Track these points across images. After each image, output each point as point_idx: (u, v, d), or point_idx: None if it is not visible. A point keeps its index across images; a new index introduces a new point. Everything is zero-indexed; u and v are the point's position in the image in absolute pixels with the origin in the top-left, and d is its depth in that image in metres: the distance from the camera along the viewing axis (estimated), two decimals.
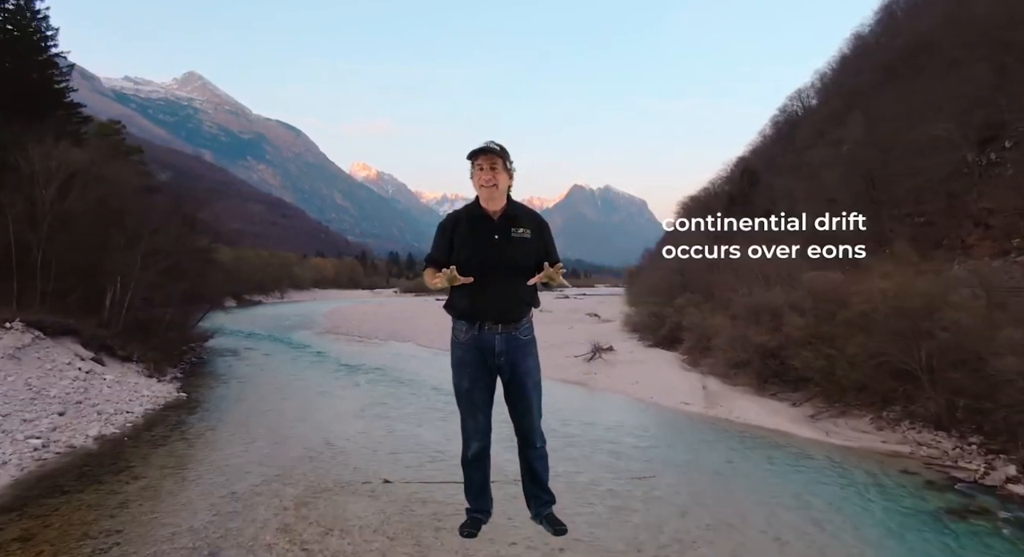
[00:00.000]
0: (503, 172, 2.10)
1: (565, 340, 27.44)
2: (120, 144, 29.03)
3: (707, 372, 19.19)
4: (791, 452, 11.50)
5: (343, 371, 20.27)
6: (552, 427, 12.81)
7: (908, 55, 35.91)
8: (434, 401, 15.33)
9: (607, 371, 19.73)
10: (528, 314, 2.22)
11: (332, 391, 16.69)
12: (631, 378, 18.52)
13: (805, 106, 47.72)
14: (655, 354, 22.76)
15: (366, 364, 21.67)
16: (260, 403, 15.00)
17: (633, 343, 26.26)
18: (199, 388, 16.76)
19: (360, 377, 19.16)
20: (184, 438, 11.59)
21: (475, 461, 2.25)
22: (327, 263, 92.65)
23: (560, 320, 37.19)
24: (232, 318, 43.79)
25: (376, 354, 25.31)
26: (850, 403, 13.73)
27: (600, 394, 17.33)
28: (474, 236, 2.10)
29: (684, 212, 65.18)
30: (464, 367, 2.18)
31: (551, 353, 23.66)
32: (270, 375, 19.30)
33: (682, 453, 11.38)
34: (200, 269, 27.30)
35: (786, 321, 16.06)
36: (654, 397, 16.35)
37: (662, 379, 18.04)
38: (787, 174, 38.78)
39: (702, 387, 17.09)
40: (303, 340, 30.04)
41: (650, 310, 25.51)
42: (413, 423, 13.11)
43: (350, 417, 13.53)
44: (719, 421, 13.95)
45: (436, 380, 18.22)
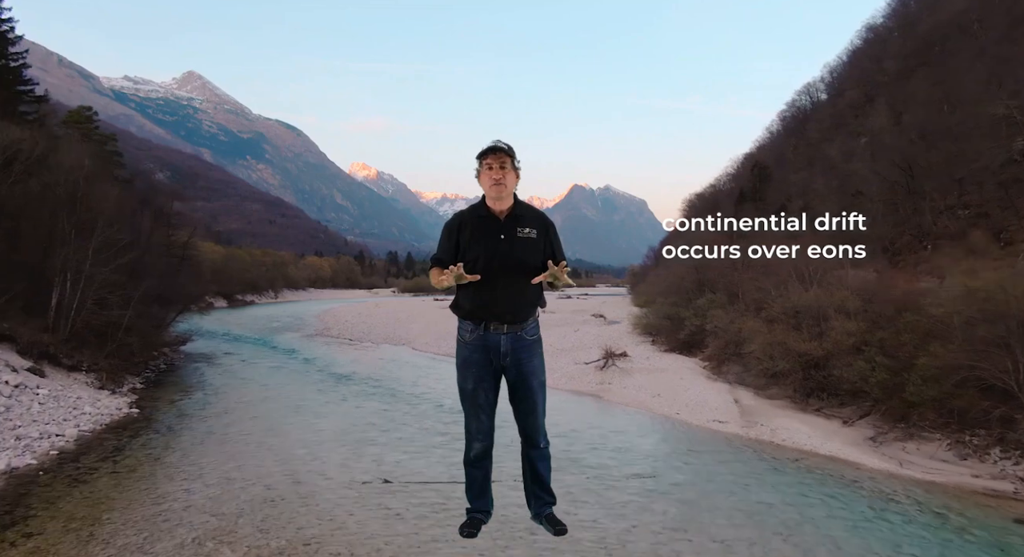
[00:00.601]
0: (511, 171, 2.10)
1: (573, 344, 25.28)
2: (92, 131, 26.92)
3: (734, 382, 17.03)
4: (864, 489, 9.31)
5: (328, 381, 18.05)
6: (563, 452, 10.65)
7: (936, 40, 33.87)
8: (435, 421, 13.15)
9: (623, 381, 17.54)
10: (534, 314, 2.20)
11: (312, 407, 14.48)
12: (651, 389, 16.33)
13: (814, 100, 46.29)
14: (673, 361, 20.57)
15: (356, 373, 19.45)
16: (223, 422, 12.79)
17: (647, 348, 24.09)
18: (157, 402, 14.58)
19: (347, 389, 16.94)
20: (115, 471, 9.40)
21: (477, 461, 2.24)
22: (323, 262, 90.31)
23: (565, 321, 34.99)
24: (219, 319, 41.67)
25: (368, 360, 23.13)
26: (918, 423, 11.55)
27: (617, 409, 15.14)
28: (480, 236, 2.10)
29: (690, 210, 63.42)
30: (469, 367, 2.16)
31: (559, 359, 21.51)
32: (244, 386, 17.11)
33: (729, 492, 9.18)
34: (173, 267, 25.18)
35: (833, 325, 13.88)
36: (680, 413, 14.16)
37: (687, 391, 15.84)
38: (802, 169, 36.97)
39: (734, 401, 14.91)
40: (289, 344, 27.85)
41: (666, 312, 23.32)
42: (409, 452, 10.87)
43: (329, 443, 11.30)
44: (763, 445, 11.76)
45: (436, 393, 16.06)
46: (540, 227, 2.12)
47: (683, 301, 23.38)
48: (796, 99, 47.11)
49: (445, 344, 26.52)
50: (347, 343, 29.00)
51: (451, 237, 2.13)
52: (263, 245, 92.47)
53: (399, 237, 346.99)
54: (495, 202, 2.11)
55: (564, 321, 35.26)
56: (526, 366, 2.13)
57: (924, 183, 23.10)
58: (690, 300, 23.02)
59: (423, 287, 79.80)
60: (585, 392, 16.92)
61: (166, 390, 16.17)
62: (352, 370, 20.03)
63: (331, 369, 20.31)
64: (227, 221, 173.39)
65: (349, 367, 20.81)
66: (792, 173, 37.50)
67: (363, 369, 20.35)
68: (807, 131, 42.33)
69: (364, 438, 11.71)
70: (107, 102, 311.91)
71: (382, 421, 13.19)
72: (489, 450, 2.23)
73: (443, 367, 21.36)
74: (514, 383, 2.15)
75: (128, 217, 19.46)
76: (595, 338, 27.19)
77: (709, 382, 17.08)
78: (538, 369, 2.16)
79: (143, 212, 23.36)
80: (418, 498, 8.55)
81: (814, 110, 45.51)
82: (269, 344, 27.80)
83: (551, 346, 24.72)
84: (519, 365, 2.12)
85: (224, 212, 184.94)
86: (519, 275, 2.07)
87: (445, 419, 13.10)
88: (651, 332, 26.98)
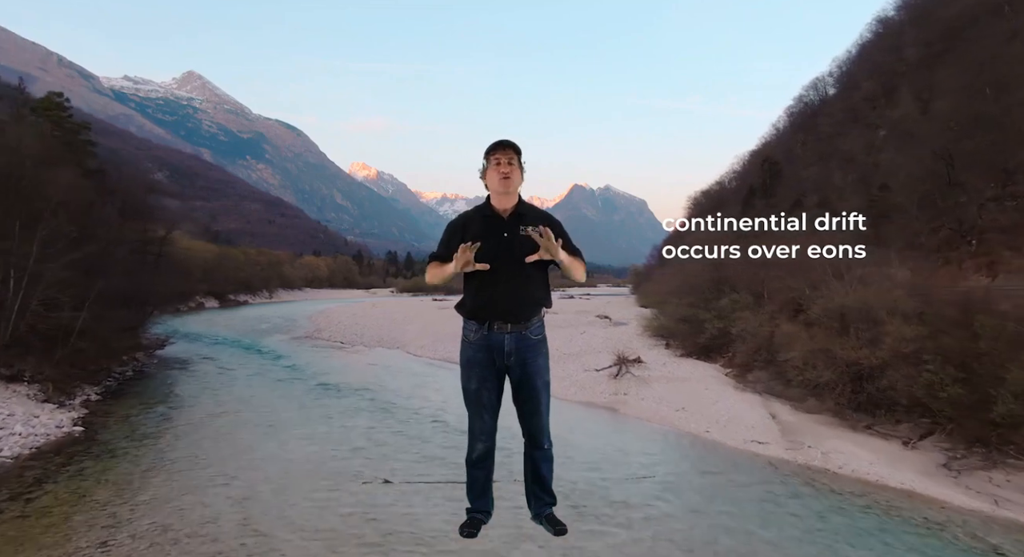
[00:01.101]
0: (517, 168, 2.10)
1: (581, 348, 23.38)
2: (63, 119, 25.06)
3: (764, 391, 15.14)
4: (958, 540, 7.41)
5: (312, 393, 16.12)
6: (570, 483, 8.77)
7: (962, 26, 32.09)
8: (438, 444, 11.18)
9: (641, 391, 15.63)
10: (539, 314, 2.18)
11: (288, 426, 12.54)
12: (674, 401, 14.43)
13: (821, 96, 44.94)
14: (693, 367, 18.66)
15: (344, 383, 17.51)
16: (178, 445, 10.90)
17: (661, 352, 22.20)
18: (109, 417, 12.70)
19: (332, 403, 15.00)
20: (23, 515, 7.53)
21: (479, 462, 2.21)
22: (320, 262, 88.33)
23: (569, 323, 33.04)
24: (208, 320, 39.84)
25: (358, 367, 21.22)
26: (1001, 448, 9.66)
27: (637, 425, 13.23)
28: (484, 234, 2.07)
29: (695, 208, 61.91)
30: (473, 367, 2.14)
31: (567, 366, 19.61)
32: (215, 398, 15.22)
33: (794, 542, 7.27)
34: (148, 264, 23.29)
35: (887, 330, 11.97)
36: (711, 431, 12.26)
37: (715, 404, 13.93)
38: (814, 163, 35.41)
39: (770, 416, 13.00)
40: (275, 348, 25.96)
41: (681, 313, 21.40)
42: (406, 492, 8.93)
43: (303, 478, 9.34)
44: (816, 473, 9.86)
45: (435, 406, 14.17)
46: (545, 225, 2.08)
47: (700, 302, 21.47)
48: (804, 94, 45.82)
49: (443, 348, 24.62)
50: (337, 347, 27.11)
51: (454, 235, 2.12)
52: (262, 245, 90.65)
53: (399, 237, 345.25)
54: (500, 199, 2.12)
55: (568, 322, 33.35)
56: (530, 366, 2.12)
57: (963, 173, 21.25)
58: (709, 301, 21.12)
59: (422, 287, 77.94)
60: (599, 404, 15.01)
61: (124, 402, 14.29)
62: (340, 379, 18.11)
63: (317, 378, 18.40)
64: (226, 221, 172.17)
65: (337, 375, 18.90)
66: (803, 168, 36.15)
67: (352, 378, 18.44)
68: (817, 126, 40.99)
69: (347, 470, 9.75)
70: (107, 102, 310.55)
71: (371, 445, 11.22)
72: (491, 451, 2.22)
73: (442, 375, 19.47)
74: (518, 383, 2.14)
75: (87, 208, 17.56)
76: (603, 341, 25.30)
77: (737, 393, 15.17)
78: (542, 369, 2.15)
79: (110, 204, 21.49)
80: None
81: (824, 105, 44.20)
82: (254, 348, 25.91)
83: (557, 350, 22.87)
84: (523, 365, 2.11)
85: (223, 212, 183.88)
86: (522, 274, 2.06)
87: (449, 441, 11.19)
88: (663, 335, 25.12)
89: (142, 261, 23.37)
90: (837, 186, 30.02)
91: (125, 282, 18.76)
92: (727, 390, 15.40)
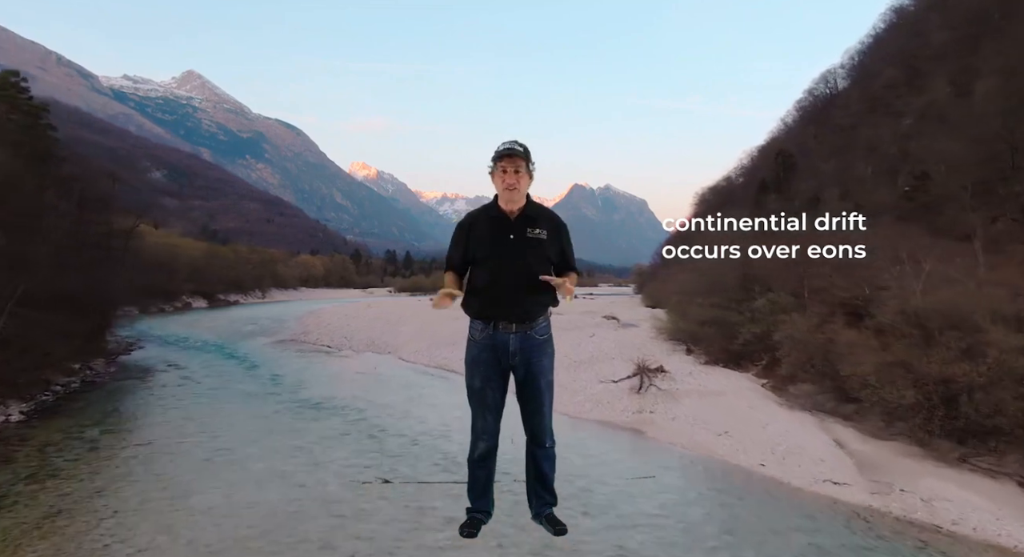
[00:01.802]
0: (525, 175, 2.11)
1: (592, 354, 20.92)
2: (21, 101, 22.66)
3: (812, 408, 12.73)
4: None
5: (283, 413, 13.56)
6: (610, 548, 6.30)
7: (995, 5, 29.82)
8: (444, 499, 8.19)
9: (670, 408, 13.17)
10: (544, 314, 2.20)
11: (246, 460, 10.02)
12: (712, 423, 11.97)
13: (832, 89, 42.11)
14: (724, 378, 16.22)
15: (324, 398, 14.92)
16: (84, 493, 8.40)
17: (682, 359, 19.76)
18: (23, 446, 10.27)
19: (307, 426, 12.42)
20: None
21: (481, 461, 2.23)
22: (316, 260, 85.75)
23: (575, 324, 30.53)
24: (191, 321, 37.43)
25: (343, 376, 18.78)
26: None
27: (669, 453, 10.79)
28: (490, 235, 2.11)
29: (702, 205, 59.72)
30: (477, 366, 2.16)
31: (579, 376, 17.16)
32: (163, 419, 12.77)
33: None
34: (109, 262, 20.86)
35: (990, 339, 9.53)
36: (767, 464, 9.81)
37: (765, 427, 11.46)
38: (832, 155, 33.70)
39: (836, 444, 10.54)
40: (255, 353, 23.54)
41: (707, 315, 18.93)
42: None
43: (241, 551, 6.88)
44: (926, 533, 7.41)
45: (434, 430, 11.77)
46: (551, 228, 2.14)
47: (726, 302, 19.03)
48: (814, 88, 44.43)
49: (438, 353, 22.21)
50: (323, 351, 24.68)
51: (462, 238, 2.15)
52: (261, 244, 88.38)
53: (399, 237, 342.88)
54: (507, 203, 2.13)
55: (574, 324, 30.85)
56: (535, 366, 2.13)
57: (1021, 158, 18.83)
58: (739, 301, 18.68)
59: (421, 286, 75.55)
60: (620, 425, 12.57)
61: (50, 425, 11.85)
62: (320, 393, 15.59)
63: (293, 392, 15.92)
64: (224, 220, 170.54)
65: (317, 388, 16.41)
66: (821, 161, 34.30)
67: (335, 391, 15.94)
68: (831, 118, 39.20)
69: (310, 537, 7.20)
70: (106, 101, 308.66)
71: (352, 497, 8.37)
72: (494, 450, 2.23)
73: (438, 386, 17.06)
74: (522, 382, 2.16)
75: (31, 195, 15.15)
76: (616, 346, 22.89)
77: (785, 411, 12.71)
78: (547, 369, 2.17)
79: (67, 194, 19.08)
80: None
81: (838, 96, 42.44)
82: (230, 353, 23.48)
83: (566, 357, 20.41)
84: (528, 365, 2.12)
85: (222, 211, 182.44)
86: (528, 275, 2.07)
87: (456, 489, 8.56)
88: (681, 339, 22.71)
89: (105, 257, 20.98)
90: (859, 177, 28.27)
91: (78, 280, 16.38)
92: (772, 407, 12.94)
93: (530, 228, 2.07)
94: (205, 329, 32.57)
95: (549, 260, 2.10)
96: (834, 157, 33.28)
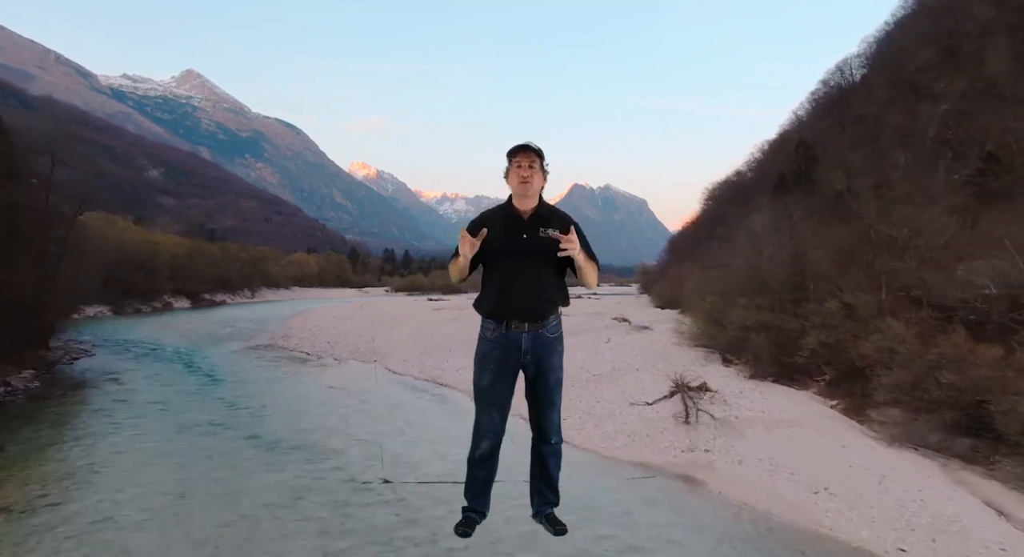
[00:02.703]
0: (538, 171, 2.13)
1: (613, 365, 17.64)
2: None
3: (908, 440, 9.51)
4: None
5: (230, 454, 10.09)
6: None
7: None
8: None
9: (732, 445, 9.88)
10: (556, 313, 2.22)
11: (141, 550, 6.77)
12: (798, 470, 8.69)
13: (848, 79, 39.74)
14: (784, 398, 12.91)
15: (286, 430, 11.42)
16: None
17: (719, 371, 16.52)
18: None
19: (246, 483, 8.93)
20: None
21: (483, 460, 2.24)
22: (310, 259, 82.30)
23: (584, 327, 27.12)
24: (163, 324, 34.18)
25: (316, 395, 15.48)
26: None
27: (742, 520, 7.53)
28: (503, 234, 2.11)
29: (713, 199, 56.80)
30: (488, 363, 2.17)
31: (602, 394, 13.84)
32: (45, 465, 9.51)
33: None
34: (43, 255, 17.61)
35: None
36: (910, 550, 6.54)
37: (880, 480, 8.15)
38: (859, 145, 31.09)
39: (993, 510, 7.29)
40: (219, 363, 20.29)
41: (752, 319, 15.59)
42: None
43: None
44: None
45: (444, 494, 8.24)
46: (563, 228, 2.10)
47: (775, 303, 15.76)
48: (829, 78, 42.53)
49: (430, 362, 18.97)
50: (300, 360, 21.43)
51: (475, 232, 2.11)
52: (258, 243, 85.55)
53: (399, 236, 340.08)
54: (521, 200, 2.16)
55: (583, 327, 27.45)
56: (545, 363, 2.16)
57: None
58: (793, 302, 15.42)
59: (419, 286, 72.28)
60: (666, 469, 9.30)
61: None
62: (278, 425, 12.05)
63: (250, 419, 12.56)
64: (222, 218, 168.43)
65: (278, 416, 12.99)
66: (848, 150, 31.58)
67: (300, 420, 12.53)
68: (852, 108, 36.69)
69: None
70: (105, 100, 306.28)
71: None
72: (496, 449, 2.23)
73: (432, 410, 13.82)
74: (533, 379, 2.18)
75: None
76: (637, 354, 19.68)
77: (889, 450, 9.42)
78: (556, 366, 2.20)
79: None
80: None
81: (859, 85, 39.79)
82: (192, 362, 20.24)
83: (581, 369, 17.14)
84: (539, 362, 2.15)
85: (219, 209, 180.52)
86: (540, 274, 2.11)
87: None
88: (712, 345, 19.52)
89: (39, 250, 17.75)
90: (901, 164, 25.66)
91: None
92: (869, 445, 9.65)
93: (543, 228, 2.09)
94: (176, 332, 29.35)
95: (559, 260, 2.10)
96: (860, 147, 30.98)
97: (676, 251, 60.02)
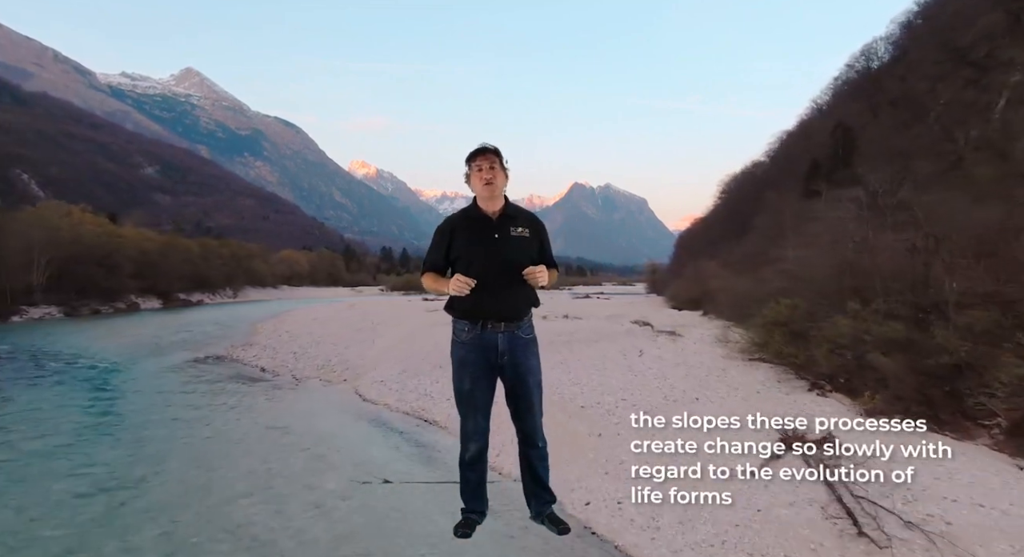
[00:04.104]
0: (500, 171, 2.17)
1: (665, 394, 12.77)
2: None
3: None
4: None
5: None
6: None
7: None
8: None
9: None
10: (529, 313, 2.24)
11: None
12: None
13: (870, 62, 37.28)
14: (964, 461, 8.10)
15: (161, 538, 6.93)
16: None
17: (815, 402, 11.78)
18: None
19: None
20: None
21: (472, 463, 2.25)
22: (300, 256, 77.37)
23: (603, 334, 21.93)
24: (109, 327, 29.34)
25: (246, 446, 10.64)
26: None
27: None
28: (474, 236, 2.15)
29: (727, 193, 52.67)
30: (466, 367, 2.19)
31: (665, 444, 9.14)
32: None
33: None
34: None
35: None
36: None
37: None
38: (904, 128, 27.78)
39: None
40: (142, 385, 15.50)
41: (881, 333, 10.73)
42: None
43: None
44: None
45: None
46: (532, 227, 2.20)
47: (915, 314, 10.93)
48: (853, 63, 39.88)
49: (415, 386, 14.14)
50: (250, 379, 16.60)
51: (443, 240, 2.19)
52: (256, 241, 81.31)
53: (399, 235, 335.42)
54: (487, 202, 2.20)
55: (601, 333, 22.33)
56: (523, 366, 2.20)
57: None
58: (935, 309, 10.59)
59: (415, 285, 67.58)
60: None
61: None
62: (159, 523, 7.41)
63: (103, 503, 7.86)
64: (219, 217, 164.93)
65: (163, 491, 8.26)
66: (893, 133, 27.94)
67: (197, 511, 7.83)
68: (887, 89, 33.16)
69: None
70: (103, 98, 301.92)
71: None
72: (484, 451, 2.26)
73: (420, 501, 8.98)
74: (512, 383, 2.22)
75: None
76: (684, 373, 14.91)
77: None
78: (535, 369, 2.23)
79: None
80: None
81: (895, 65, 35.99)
82: (106, 383, 15.46)
83: (621, 401, 12.40)
84: (516, 365, 2.19)
85: (216, 208, 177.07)
86: (515, 274, 2.14)
87: None
88: (780, 360, 14.85)
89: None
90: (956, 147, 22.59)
91: None
92: None
93: (513, 227, 2.16)
94: (119, 339, 24.59)
95: (532, 258, 2.17)
96: (906, 130, 27.14)
97: (686, 249, 57.01)
